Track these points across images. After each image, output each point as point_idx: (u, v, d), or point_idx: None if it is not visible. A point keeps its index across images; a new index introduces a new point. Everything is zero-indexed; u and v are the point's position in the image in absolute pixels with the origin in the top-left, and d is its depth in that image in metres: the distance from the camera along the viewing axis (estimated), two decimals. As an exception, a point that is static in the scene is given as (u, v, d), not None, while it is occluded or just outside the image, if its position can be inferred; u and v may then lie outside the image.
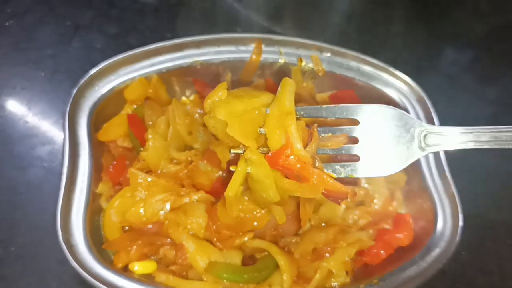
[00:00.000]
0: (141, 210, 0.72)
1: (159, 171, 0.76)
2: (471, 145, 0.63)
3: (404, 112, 0.65)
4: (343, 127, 0.66)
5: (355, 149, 0.65)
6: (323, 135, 0.66)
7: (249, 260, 0.74)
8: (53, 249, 0.75)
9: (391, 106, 0.65)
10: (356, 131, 0.65)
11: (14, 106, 0.91)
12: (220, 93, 0.63)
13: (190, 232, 0.71)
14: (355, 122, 0.65)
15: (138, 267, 0.71)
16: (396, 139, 0.64)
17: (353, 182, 0.84)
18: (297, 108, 0.65)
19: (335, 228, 0.74)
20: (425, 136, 0.64)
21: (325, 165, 0.64)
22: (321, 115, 0.66)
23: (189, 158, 0.76)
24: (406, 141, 0.64)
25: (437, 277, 0.83)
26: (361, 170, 0.64)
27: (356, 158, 0.64)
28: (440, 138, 0.63)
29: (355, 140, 0.65)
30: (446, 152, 0.81)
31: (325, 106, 0.67)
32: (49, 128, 0.89)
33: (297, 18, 1.13)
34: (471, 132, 0.62)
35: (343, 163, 0.64)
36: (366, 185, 0.84)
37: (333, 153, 0.65)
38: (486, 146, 0.62)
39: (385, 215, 0.81)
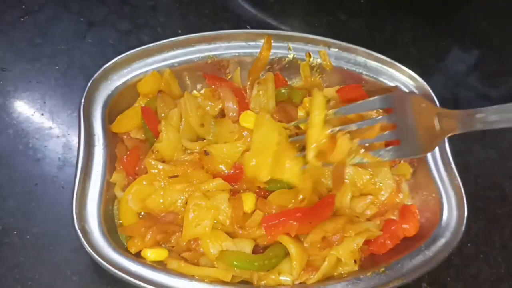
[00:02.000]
0: (161, 199, 0.74)
1: (172, 163, 0.78)
2: (480, 127, 0.67)
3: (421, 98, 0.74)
4: (377, 117, 0.74)
5: (392, 135, 0.72)
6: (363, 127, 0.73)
7: (259, 249, 0.76)
8: (68, 238, 0.79)
9: (411, 93, 0.75)
10: (391, 119, 0.72)
11: (30, 100, 0.93)
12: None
13: (214, 221, 0.73)
14: (389, 111, 0.73)
15: (150, 254, 0.73)
16: (422, 123, 0.71)
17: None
18: (337, 110, 0.73)
19: (344, 218, 0.76)
20: (440, 121, 0.71)
21: (372, 152, 0.71)
22: (358, 110, 0.75)
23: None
24: (430, 126, 0.71)
25: (442, 269, 0.85)
26: (401, 152, 0.71)
27: (396, 142, 0.71)
28: (452, 121, 0.70)
29: (392, 126, 0.72)
30: (452, 145, 0.82)
31: (360, 102, 0.75)
32: (64, 121, 0.91)
33: (304, 15, 1.15)
34: (478, 113, 0.67)
35: (386, 148, 0.72)
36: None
37: (376, 141, 0.72)
38: (494, 126, 0.66)
39: (391, 207, 0.83)
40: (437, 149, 0.83)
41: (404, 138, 0.71)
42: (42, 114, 0.92)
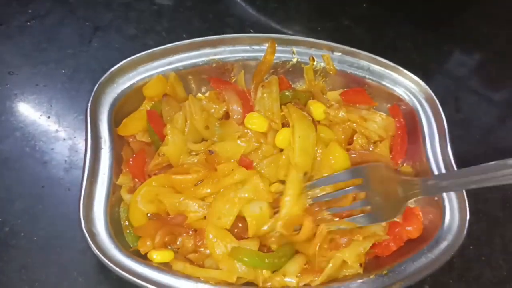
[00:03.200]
0: (177, 203, 0.76)
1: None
2: (435, 192, 0.79)
3: (389, 169, 0.82)
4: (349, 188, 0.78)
5: (364, 203, 0.77)
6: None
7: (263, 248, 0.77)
8: (74, 240, 0.80)
9: (378, 164, 0.82)
10: (361, 188, 0.78)
11: (36, 103, 0.94)
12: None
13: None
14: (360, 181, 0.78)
15: (157, 256, 0.74)
16: (389, 191, 0.79)
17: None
18: (311, 183, 0.78)
19: None
20: (403, 188, 0.78)
21: (348, 219, 0.76)
22: (331, 182, 0.78)
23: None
24: (394, 193, 0.78)
25: (445, 272, 0.85)
26: (374, 218, 0.77)
27: (368, 209, 0.76)
28: (413, 187, 0.77)
29: (363, 195, 0.78)
30: (453, 147, 0.83)
31: (332, 175, 0.80)
32: (70, 124, 0.92)
33: (307, 21, 1.16)
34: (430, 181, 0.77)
35: (360, 215, 0.76)
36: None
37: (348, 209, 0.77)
38: (448, 191, 0.79)
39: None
40: (438, 151, 0.84)
41: (375, 205, 0.76)
42: (49, 117, 0.93)
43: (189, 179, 0.77)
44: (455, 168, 0.82)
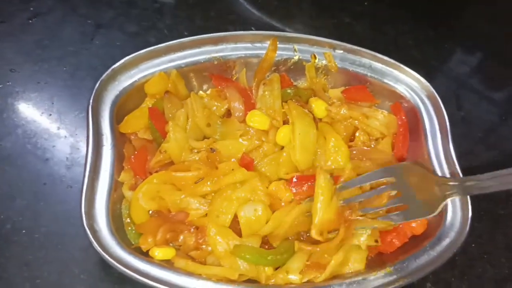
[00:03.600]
0: (178, 200, 0.76)
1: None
2: (476, 192, 0.76)
3: (423, 168, 0.81)
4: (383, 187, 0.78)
5: (398, 201, 0.77)
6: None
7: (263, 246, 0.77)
8: (76, 237, 0.80)
9: (417, 163, 0.82)
10: (394, 187, 0.77)
11: (38, 100, 0.94)
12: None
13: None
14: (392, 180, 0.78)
15: (158, 253, 0.74)
16: (424, 189, 0.78)
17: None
18: (342, 185, 0.78)
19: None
20: (439, 188, 0.78)
21: (383, 218, 0.77)
22: (363, 182, 0.78)
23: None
24: (431, 192, 0.77)
25: (447, 269, 0.85)
26: (409, 215, 0.76)
27: (403, 207, 0.77)
28: (452, 187, 0.77)
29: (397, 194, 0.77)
30: (456, 146, 0.83)
31: (365, 175, 0.79)
32: (72, 122, 0.92)
33: (308, 19, 1.16)
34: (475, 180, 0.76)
35: (395, 212, 0.77)
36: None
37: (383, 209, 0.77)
38: (491, 190, 0.74)
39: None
40: (441, 150, 0.84)
41: (409, 203, 0.76)
42: (51, 115, 0.93)
43: (189, 177, 0.77)
44: (457, 166, 0.82)
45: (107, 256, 0.70)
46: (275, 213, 0.77)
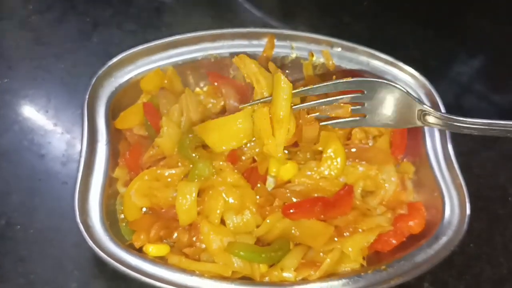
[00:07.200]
0: (170, 197, 0.75)
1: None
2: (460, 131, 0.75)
3: (406, 92, 0.76)
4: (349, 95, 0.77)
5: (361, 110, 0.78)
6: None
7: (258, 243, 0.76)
8: (70, 233, 0.79)
9: (396, 83, 0.77)
10: (362, 99, 0.77)
11: (35, 97, 0.94)
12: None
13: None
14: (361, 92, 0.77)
15: (152, 249, 0.73)
16: (398, 110, 0.77)
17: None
18: (306, 89, 0.76)
19: (356, 211, 0.77)
20: (424, 115, 0.75)
21: (346, 119, 0.78)
22: (329, 90, 0.77)
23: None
24: (407, 112, 0.76)
25: (445, 269, 0.84)
26: (366, 122, 0.78)
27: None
28: (436, 120, 0.75)
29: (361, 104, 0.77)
30: (454, 145, 0.82)
31: (333, 81, 0.77)
32: (68, 119, 0.92)
33: (307, 18, 1.16)
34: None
35: (351, 118, 0.78)
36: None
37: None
38: (475, 133, 0.74)
39: (398, 204, 0.83)
40: (439, 148, 0.84)
41: (373, 112, 0.77)
42: (47, 111, 0.93)
43: (174, 173, 0.76)
44: (456, 165, 0.81)
45: (100, 252, 0.69)
46: (267, 217, 0.76)
